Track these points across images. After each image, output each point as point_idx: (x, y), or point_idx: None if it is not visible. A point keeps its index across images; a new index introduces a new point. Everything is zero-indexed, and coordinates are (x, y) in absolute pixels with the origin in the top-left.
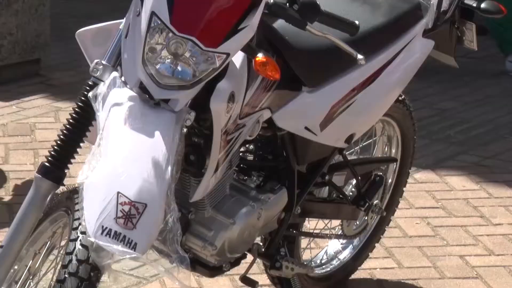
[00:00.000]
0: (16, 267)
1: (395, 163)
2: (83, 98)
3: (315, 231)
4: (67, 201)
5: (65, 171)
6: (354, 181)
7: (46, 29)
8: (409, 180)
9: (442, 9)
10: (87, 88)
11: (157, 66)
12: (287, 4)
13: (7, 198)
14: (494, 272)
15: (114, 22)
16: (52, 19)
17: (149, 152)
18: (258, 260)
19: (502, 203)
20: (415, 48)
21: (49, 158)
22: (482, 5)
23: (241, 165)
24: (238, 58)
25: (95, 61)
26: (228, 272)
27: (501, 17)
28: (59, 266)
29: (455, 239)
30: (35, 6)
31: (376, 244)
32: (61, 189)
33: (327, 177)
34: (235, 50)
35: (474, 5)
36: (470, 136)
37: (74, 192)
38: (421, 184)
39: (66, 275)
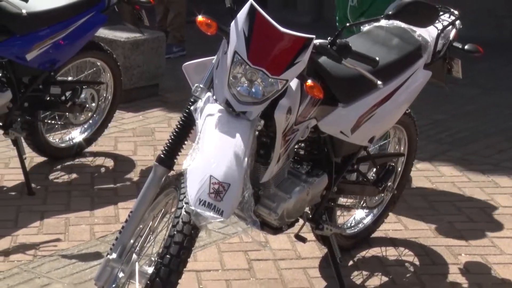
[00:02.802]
0: (141, 226)
1: (403, 157)
2: (187, 110)
3: (347, 204)
4: (176, 181)
5: (175, 160)
6: (374, 169)
7: (162, 63)
8: (413, 169)
9: (437, 49)
10: (190, 103)
11: (238, 89)
12: (329, 45)
13: (135, 179)
14: (473, 233)
15: (208, 58)
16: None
17: (232, 148)
18: (307, 223)
19: (478, 185)
20: (418, 77)
21: (164, 151)
22: (466, 47)
23: (296, 157)
24: (294, 83)
25: (195, 85)
26: (286, 231)
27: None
28: (170, 225)
29: (445, 210)
30: (155, 47)
31: (389, 213)
32: (172, 173)
33: (355, 166)
34: (292, 77)
35: (460, 46)
36: (455, 138)
37: (181, 175)
38: (421, 172)
39: (175, 232)
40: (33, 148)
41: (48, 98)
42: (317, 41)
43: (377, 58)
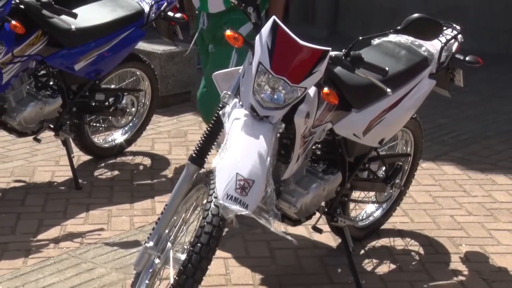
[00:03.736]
0: (175, 217)
1: (409, 157)
2: (216, 114)
3: (359, 199)
4: (206, 178)
5: (205, 159)
6: (383, 168)
7: (194, 72)
8: (418, 167)
9: (441, 61)
10: (219, 108)
11: (262, 95)
12: (343, 57)
13: (170, 176)
14: (472, 226)
15: (236, 68)
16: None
17: (256, 148)
18: (323, 216)
19: (477, 183)
20: (423, 85)
21: (195, 151)
22: (467, 58)
23: (313, 157)
24: (312, 90)
25: (224, 91)
26: (304, 223)
27: (479, 66)
28: (201, 217)
29: (447, 205)
30: (188, 59)
31: (397, 207)
32: (202, 170)
33: (366, 165)
34: (310, 85)
35: (462, 58)
36: (457, 140)
37: (210, 172)
38: (426, 170)
39: (205, 223)
40: (80, 148)
41: (93, 104)
42: (332, 53)
43: (387, 68)
